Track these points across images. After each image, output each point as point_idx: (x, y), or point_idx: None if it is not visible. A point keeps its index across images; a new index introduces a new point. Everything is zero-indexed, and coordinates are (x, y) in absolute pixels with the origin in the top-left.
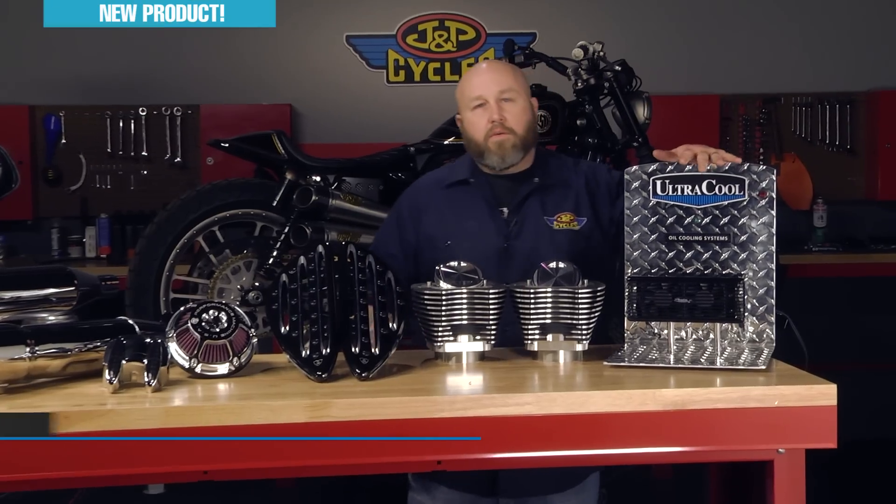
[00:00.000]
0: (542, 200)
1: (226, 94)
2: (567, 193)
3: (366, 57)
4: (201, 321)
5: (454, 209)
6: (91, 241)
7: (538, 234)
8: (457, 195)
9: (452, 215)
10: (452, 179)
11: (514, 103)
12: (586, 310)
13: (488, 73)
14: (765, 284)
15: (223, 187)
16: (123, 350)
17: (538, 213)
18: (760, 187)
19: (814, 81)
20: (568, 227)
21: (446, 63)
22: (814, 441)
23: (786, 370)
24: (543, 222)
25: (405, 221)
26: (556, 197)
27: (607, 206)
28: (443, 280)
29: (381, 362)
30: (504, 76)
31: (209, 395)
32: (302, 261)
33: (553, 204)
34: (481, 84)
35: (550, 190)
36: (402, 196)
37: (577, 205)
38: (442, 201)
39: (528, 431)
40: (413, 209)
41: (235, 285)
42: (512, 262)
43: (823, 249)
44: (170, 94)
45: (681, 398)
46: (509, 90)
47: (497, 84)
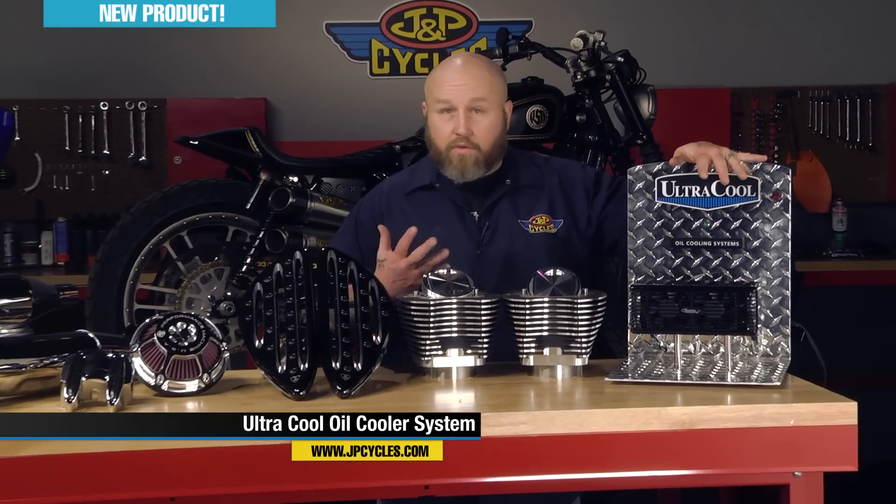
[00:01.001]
0: (514, 202)
1: (195, 88)
2: (539, 195)
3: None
4: (168, 334)
5: (420, 215)
6: (47, 247)
7: (512, 239)
8: (421, 200)
9: (418, 221)
10: (415, 185)
11: (484, 115)
12: (586, 321)
13: (462, 75)
14: (779, 294)
15: (192, 188)
16: (83, 366)
17: (511, 216)
18: (774, 188)
19: (832, 73)
20: (544, 230)
21: (435, 54)
22: (832, 463)
23: (802, 387)
24: (518, 226)
25: (365, 227)
26: (528, 199)
27: (584, 206)
28: (431, 289)
29: (363, 378)
30: (479, 82)
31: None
32: (278, 268)
33: (526, 206)
34: (453, 88)
35: (522, 191)
36: (360, 202)
37: (551, 206)
38: (405, 206)
39: (523, 453)
40: (374, 214)
41: (205, 295)
42: (486, 269)
43: (843, 256)
44: (134, 88)
45: (689, 417)
46: (481, 100)
47: (470, 91)
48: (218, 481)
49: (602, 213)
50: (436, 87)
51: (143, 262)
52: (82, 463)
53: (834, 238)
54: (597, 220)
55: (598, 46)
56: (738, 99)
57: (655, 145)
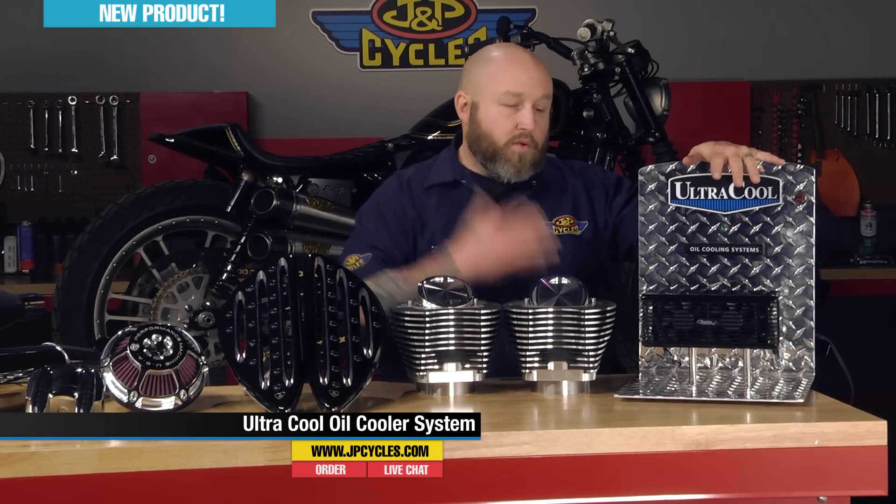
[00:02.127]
0: (539, 204)
1: (171, 81)
2: (563, 196)
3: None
4: (142, 347)
5: (441, 212)
6: (11, 253)
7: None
8: (442, 196)
9: (439, 215)
10: (436, 180)
11: (543, 116)
12: (594, 333)
13: (534, 70)
14: (803, 304)
15: (168, 190)
16: (50, 381)
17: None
18: (798, 190)
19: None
20: (569, 231)
21: (430, 45)
22: (860, 487)
23: (828, 404)
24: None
25: (389, 220)
26: (552, 200)
27: (603, 209)
28: (426, 298)
29: (353, 395)
30: (546, 80)
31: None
32: (261, 276)
33: (550, 207)
34: (526, 81)
35: (546, 193)
36: (375, 196)
37: (575, 207)
38: (425, 200)
39: (526, 475)
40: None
41: (183, 305)
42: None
43: (872, 263)
44: (105, 81)
45: (705, 437)
46: (546, 98)
47: (541, 88)
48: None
49: (619, 216)
50: (503, 77)
51: (114, 270)
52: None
53: (862, 244)
54: (613, 223)
55: (606, 37)
56: (758, 93)
57: (668, 143)
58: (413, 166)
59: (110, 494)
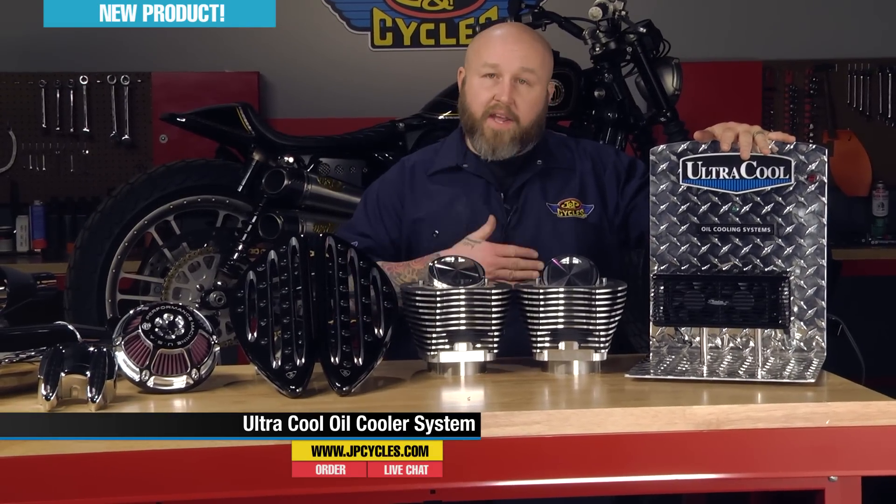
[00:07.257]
0: (544, 185)
1: (182, 61)
2: (570, 178)
3: (347, 17)
4: (154, 327)
5: (442, 194)
6: (23, 232)
7: (540, 223)
8: (445, 181)
9: (440, 201)
10: (440, 166)
11: (530, 88)
12: (605, 313)
13: (515, 42)
14: (814, 284)
15: (179, 170)
16: (62, 360)
17: (539, 199)
18: (810, 170)
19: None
20: (574, 214)
21: (441, 24)
22: (871, 467)
23: (839, 384)
24: (546, 209)
25: (385, 207)
26: (558, 181)
27: (614, 193)
28: (437, 278)
29: (364, 375)
30: (531, 53)
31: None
32: (272, 256)
33: (556, 189)
34: (503, 52)
35: (552, 174)
36: (375, 182)
37: (582, 190)
38: (428, 186)
39: (536, 455)
40: (394, 193)
41: (194, 285)
42: None
43: (884, 243)
44: (116, 61)
45: (715, 416)
46: (530, 71)
47: (521, 60)
48: (207, 485)
49: (631, 202)
50: (483, 48)
51: (126, 249)
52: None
53: (874, 224)
54: (624, 208)
55: (618, 16)
56: (770, 73)
57: (680, 123)
58: (420, 150)
59: (123, 473)
